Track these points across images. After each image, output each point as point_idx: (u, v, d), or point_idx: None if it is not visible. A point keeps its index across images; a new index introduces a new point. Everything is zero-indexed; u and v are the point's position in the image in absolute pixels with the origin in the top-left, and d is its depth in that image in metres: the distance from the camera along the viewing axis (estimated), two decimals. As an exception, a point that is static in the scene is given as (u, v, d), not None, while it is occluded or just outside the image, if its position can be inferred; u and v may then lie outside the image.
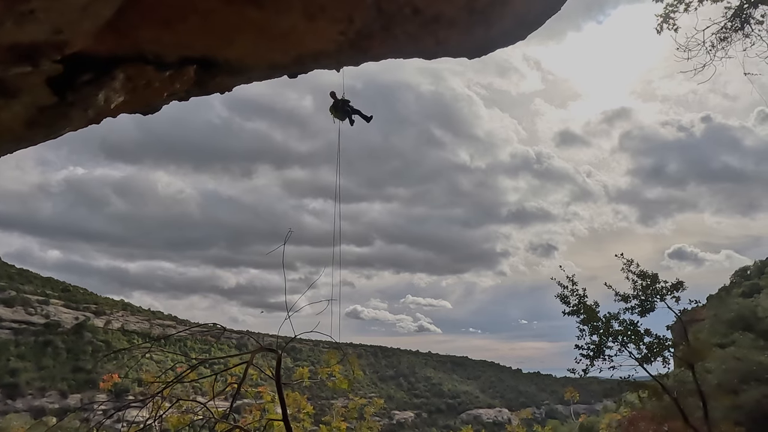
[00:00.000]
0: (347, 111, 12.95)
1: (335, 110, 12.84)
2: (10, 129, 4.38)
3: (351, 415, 8.23)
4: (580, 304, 12.18)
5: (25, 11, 2.66)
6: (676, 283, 12.43)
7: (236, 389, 5.40)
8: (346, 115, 12.99)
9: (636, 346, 12.01)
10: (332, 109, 12.87)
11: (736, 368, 23.97)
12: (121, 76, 4.22)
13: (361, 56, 4.21)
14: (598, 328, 12.17)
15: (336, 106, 12.77)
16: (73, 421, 17.68)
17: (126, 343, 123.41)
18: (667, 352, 12.08)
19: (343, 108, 12.82)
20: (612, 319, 12.34)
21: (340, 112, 12.85)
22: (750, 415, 21.01)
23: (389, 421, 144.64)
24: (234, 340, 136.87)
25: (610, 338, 11.97)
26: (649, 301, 12.29)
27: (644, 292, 12.34)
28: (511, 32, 4.18)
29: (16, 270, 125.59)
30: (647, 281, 12.39)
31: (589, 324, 12.34)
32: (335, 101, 12.75)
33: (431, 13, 3.79)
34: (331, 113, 12.96)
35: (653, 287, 12.31)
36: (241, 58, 4.12)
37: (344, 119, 13.01)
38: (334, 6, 3.63)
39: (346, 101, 12.84)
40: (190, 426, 6.82)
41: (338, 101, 12.69)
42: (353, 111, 13.14)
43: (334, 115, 12.92)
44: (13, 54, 3.04)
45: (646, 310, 12.34)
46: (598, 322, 12.18)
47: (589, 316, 12.18)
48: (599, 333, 12.00)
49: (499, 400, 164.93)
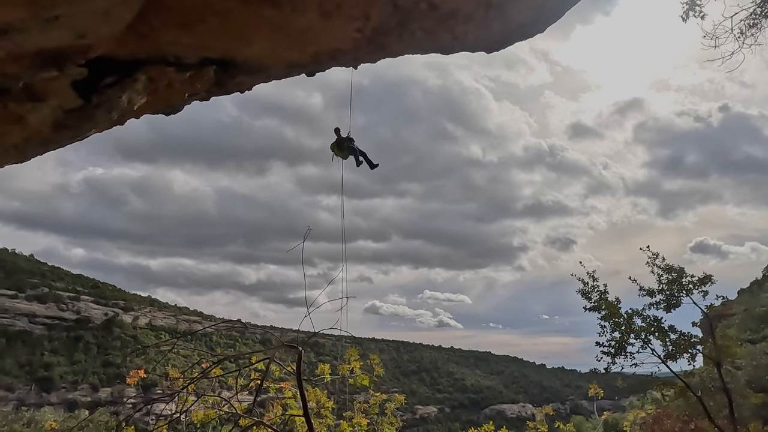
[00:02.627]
0: (352, 149, 12.08)
1: (338, 148, 11.98)
2: (39, 132, 4.51)
3: (372, 410, 8.28)
4: (601, 300, 11.93)
5: (50, 18, 2.74)
6: (703, 277, 11.95)
7: (259, 385, 5.48)
8: (350, 153, 12.10)
9: (662, 343, 11.68)
10: (334, 146, 11.99)
11: (766, 365, 23.36)
12: (143, 78, 4.31)
13: (378, 53, 4.21)
14: (620, 324, 11.89)
15: (339, 143, 11.95)
16: (105, 414, 18.22)
17: (154, 339, 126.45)
18: (693, 349, 11.68)
19: (348, 146, 12.00)
20: (635, 315, 12.05)
21: (345, 150, 12.01)
22: None
23: (412, 416, 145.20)
24: (258, 335, 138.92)
25: (632, 335, 11.70)
26: (675, 296, 11.88)
27: (670, 286, 11.94)
28: (529, 26, 4.13)
29: (47, 268, 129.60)
30: (673, 275, 11.96)
31: (611, 320, 12.06)
32: (338, 138, 11.93)
33: (448, 8, 3.77)
34: (332, 150, 12.04)
35: (679, 281, 11.89)
36: (259, 57, 4.17)
37: (347, 158, 12.13)
38: (350, 4, 3.64)
39: (351, 139, 12.06)
40: (216, 421, 6.99)
41: (342, 139, 11.90)
42: (360, 152, 12.24)
43: (335, 153, 12.03)
44: (40, 59, 3.13)
45: (672, 306, 11.95)
46: (620, 318, 11.90)
47: (611, 312, 11.92)
48: (621, 330, 11.73)
49: (523, 395, 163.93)
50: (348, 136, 11.96)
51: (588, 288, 12.31)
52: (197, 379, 5.73)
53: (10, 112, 4.14)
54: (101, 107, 4.44)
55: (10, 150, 4.89)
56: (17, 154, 5.06)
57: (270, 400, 7.63)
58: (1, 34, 2.75)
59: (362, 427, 7.81)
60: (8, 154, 5.02)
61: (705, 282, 11.92)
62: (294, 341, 6.03)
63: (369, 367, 8.70)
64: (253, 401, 5.27)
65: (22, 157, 5.24)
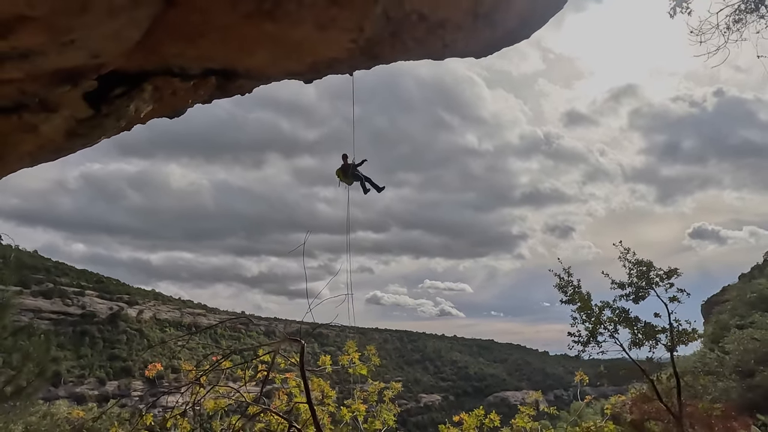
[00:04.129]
0: (357, 176, 12.31)
1: (343, 174, 12.17)
2: (52, 140, 4.75)
3: (371, 398, 8.63)
4: (574, 293, 12.83)
5: (66, 41, 2.96)
6: (669, 271, 12.68)
7: (265, 376, 5.76)
8: (356, 180, 12.32)
9: (631, 331, 12.54)
10: (339, 172, 12.20)
11: (753, 349, 23.76)
12: (150, 88, 4.54)
13: (373, 61, 4.42)
14: (591, 315, 12.80)
15: (345, 170, 12.15)
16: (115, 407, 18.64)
17: (159, 332, 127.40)
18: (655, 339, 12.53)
19: (353, 173, 12.21)
20: (606, 306, 12.94)
21: (350, 177, 12.21)
22: (766, 396, 20.89)
23: (416, 404, 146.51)
24: (262, 327, 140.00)
25: (601, 326, 12.61)
26: (644, 289, 12.67)
27: (638, 280, 12.76)
28: (515, 32, 4.33)
29: (52, 263, 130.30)
30: (642, 269, 12.77)
31: (583, 312, 12.96)
32: (344, 164, 12.12)
33: (437, 18, 3.97)
34: (338, 176, 12.23)
35: (647, 275, 12.70)
36: (260, 67, 4.38)
37: (352, 184, 12.33)
38: (345, 17, 3.84)
39: (356, 165, 12.26)
40: (224, 410, 7.31)
41: (348, 165, 12.10)
42: (365, 178, 12.48)
43: (341, 179, 12.22)
44: (56, 77, 3.36)
45: (639, 298, 12.77)
46: (591, 310, 12.81)
47: (583, 304, 12.79)
48: (591, 321, 12.64)
49: (526, 382, 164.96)
50: (354, 162, 12.12)
51: (563, 282, 13.12)
52: (209, 371, 6.02)
53: (25, 122, 4.37)
54: (110, 116, 4.68)
55: (24, 157, 5.14)
56: (31, 161, 5.30)
57: (275, 390, 7.94)
58: (22, 58, 2.97)
59: (361, 413, 8.18)
60: (22, 161, 5.27)
61: (671, 275, 12.62)
62: (297, 333, 6.29)
63: (369, 357, 9.05)
64: (260, 391, 5.55)
65: (35, 163, 5.49)
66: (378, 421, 8.78)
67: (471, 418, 9.96)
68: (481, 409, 10.36)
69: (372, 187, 12.60)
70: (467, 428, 9.89)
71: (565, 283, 13.14)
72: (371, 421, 8.80)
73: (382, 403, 8.88)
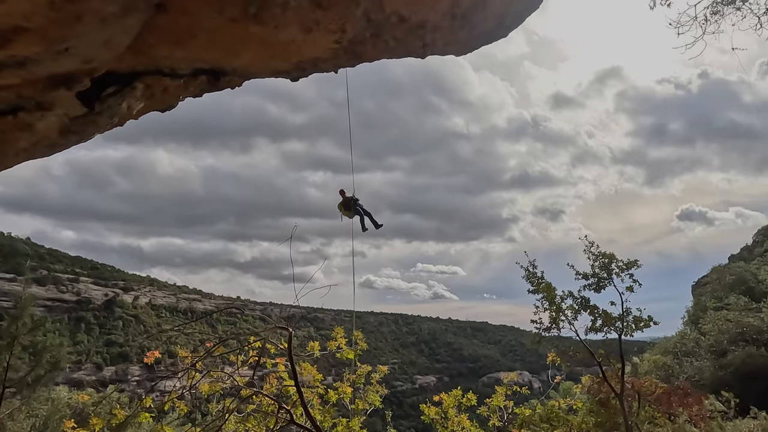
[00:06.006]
0: (358, 211, 12.86)
1: (345, 208, 12.76)
2: (46, 137, 4.90)
3: (359, 381, 8.99)
4: (539, 283, 13.56)
5: (60, 49, 3.12)
6: (628, 262, 13.40)
7: (257, 361, 6.03)
8: (356, 214, 12.88)
9: (592, 317, 13.32)
10: (341, 206, 12.80)
11: (727, 330, 24.48)
12: (141, 87, 4.68)
13: (356, 60, 4.58)
14: (553, 304, 13.52)
15: (346, 204, 12.70)
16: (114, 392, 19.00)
17: (155, 318, 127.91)
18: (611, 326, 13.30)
19: (353, 207, 12.74)
20: (569, 296, 13.65)
21: (352, 210, 12.76)
22: (736, 374, 21.67)
23: (412, 386, 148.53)
24: (258, 312, 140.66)
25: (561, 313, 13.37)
26: (605, 279, 13.39)
27: (600, 270, 13.48)
28: (493, 32, 4.50)
29: (45, 250, 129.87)
30: (605, 261, 13.50)
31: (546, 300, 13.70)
32: (344, 199, 12.67)
33: (416, 20, 4.14)
34: (339, 210, 12.86)
35: (608, 266, 13.41)
36: (247, 66, 4.54)
37: (353, 217, 12.88)
38: (328, 19, 4.00)
39: (356, 199, 12.77)
40: (219, 393, 7.61)
41: (348, 199, 12.63)
42: (364, 212, 13.06)
43: (342, 213, 12.80)
44: (51, 82, 3.52)
45: (600, 287, 13.47)
46: (554, 299, 13.54)
47: (548, 294, 13.50)
48: (553, 309, 13.38)
49: (520, 363, 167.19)
50: (353, 197, 12.66)
51: (530, 273, 13.83)
52: (204, 357, 6.27)
53: (20, 121, 4.52)
54: (103, 114, 4.83)
55: (20, 153, 5.29)
56: (26, 156, 5.46)
57: (267, 375, 8.27)
58: (19, 66, 3.13)
59: (347, 395, 8.55)
60: (18, 157, 5.42)
61: (630, 266, 13.31)
62: (292, 318, 6.53)
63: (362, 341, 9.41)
64: (252, 375, 5.82)
65: (30, 158, 5.64)
66: (363, 402, 9.15)
67: (450, 398, 10.46)
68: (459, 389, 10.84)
69: (371, 222, 13.19)
70: (447, 407, 10.40)
71: (530, 275, 13.82)
72: (358, 402, 9.16)
73: (369, 385, 9.25)
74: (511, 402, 11.74)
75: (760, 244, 59.81)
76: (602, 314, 13.38)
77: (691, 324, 32.09)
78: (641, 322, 13.17)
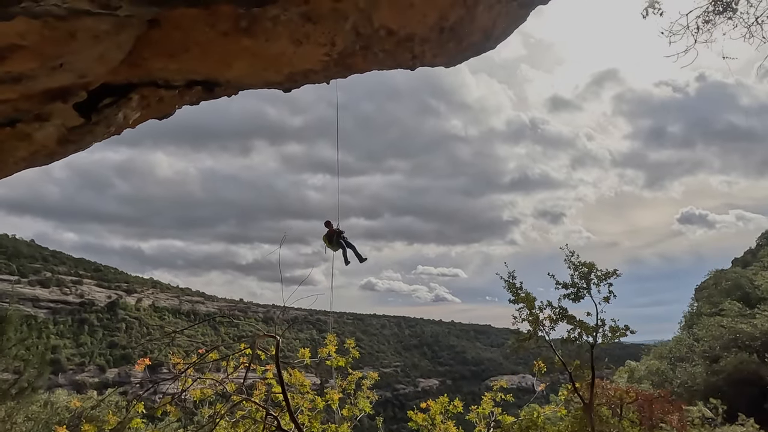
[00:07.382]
0: (341, 243, 12.78)
1: (329, 241, 12.67)
2: (44, 146, 5.01)
3: (349, 387, 9.05)
4: (518, 294, 13.66)
5: (55, 66, 3.22)
6: (607, 273, 13.45)
7: (247, 367, 6.13)
8: (339, 247, 12.79)
9: (571, 326, 13.40)
10: (326, 238, 12.69)
11: (720, 336, 24.45)
12: (137, 97, 4.79)
13: (347, 71, 4.68)
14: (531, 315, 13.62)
15: (330, 237, 12.62)
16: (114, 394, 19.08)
17: (158, 320, 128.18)
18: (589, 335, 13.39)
19: (337, 240, 12.67)
20: (547, 306, 13.75)
21: (335, 244, 12.68)
22: (728, 380, 21.69)
23: (414, 389, 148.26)
24: (261, 314, 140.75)
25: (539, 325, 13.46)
26: (584, 289, 13.44)
27: (579, 280, 13.53)
28: (480, 44, 4.58)
29: (49, 252, 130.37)
30: (584, 270, 13.54)
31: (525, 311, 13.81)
32: (329, 231, 12.60)
33: (404, 33, 4.23)
34: (324, 242, 12.76)
35: (587, 276, 13.47)
36: (240, 78, 4.64)
37: (337, 250, 12.81)
38: (318, 33, 4.09)
39: (341, 232, 12.74)
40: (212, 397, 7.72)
41: (333, 231, 12.58)
42: (348, 245, 12.98)
43: (327, 245, 12.71)
44: (47, 96, 3.62)
45: (579, 297, 13.53)
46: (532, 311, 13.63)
47: (527, 304, 13.59)
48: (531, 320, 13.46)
49: (523, 366, 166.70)
50: (338, 229, 12.64)
51: (510, 284, 13.95)
52: (195, 364, 6.39)
53: (19, 131, 4.63)
54: (100, 123, 4.94)
55: (20, 162, 5.40)
56: (26, 165, 5.57)
57: (256, 381, 8.36)
58: (15, 81, 3.24)
59: (335, 401, 8.61)
60: (17, 165, 5.53)
61: (609, 276, 13.37)
62: (295, 319, 6.63)
63: (358, 347, 9.48)
64: (242, 381, 5.93)
65: (30, 167, 5.75)
66: (352, 407, 9.22)
67: (437, 405, 10.52)
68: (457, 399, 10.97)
69: (356, 255, 13.11)
70: (434, 414, 10.47)
71: (510, 285, 13.90)
72: (348, 408, 9.22)
73: (360, 391, 9.32)
74: (499, 409, 11.77)
75: (764, 248, 59.50)
76: (579, 323, 13.48)
77: (687, 329, 32.02)
78: (617, 331, 13.29)
